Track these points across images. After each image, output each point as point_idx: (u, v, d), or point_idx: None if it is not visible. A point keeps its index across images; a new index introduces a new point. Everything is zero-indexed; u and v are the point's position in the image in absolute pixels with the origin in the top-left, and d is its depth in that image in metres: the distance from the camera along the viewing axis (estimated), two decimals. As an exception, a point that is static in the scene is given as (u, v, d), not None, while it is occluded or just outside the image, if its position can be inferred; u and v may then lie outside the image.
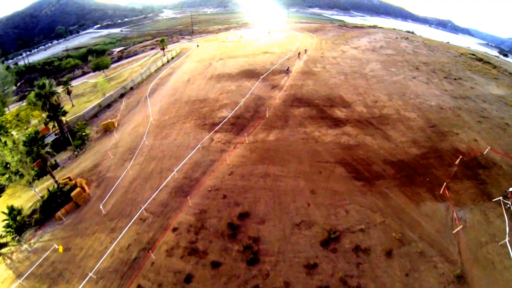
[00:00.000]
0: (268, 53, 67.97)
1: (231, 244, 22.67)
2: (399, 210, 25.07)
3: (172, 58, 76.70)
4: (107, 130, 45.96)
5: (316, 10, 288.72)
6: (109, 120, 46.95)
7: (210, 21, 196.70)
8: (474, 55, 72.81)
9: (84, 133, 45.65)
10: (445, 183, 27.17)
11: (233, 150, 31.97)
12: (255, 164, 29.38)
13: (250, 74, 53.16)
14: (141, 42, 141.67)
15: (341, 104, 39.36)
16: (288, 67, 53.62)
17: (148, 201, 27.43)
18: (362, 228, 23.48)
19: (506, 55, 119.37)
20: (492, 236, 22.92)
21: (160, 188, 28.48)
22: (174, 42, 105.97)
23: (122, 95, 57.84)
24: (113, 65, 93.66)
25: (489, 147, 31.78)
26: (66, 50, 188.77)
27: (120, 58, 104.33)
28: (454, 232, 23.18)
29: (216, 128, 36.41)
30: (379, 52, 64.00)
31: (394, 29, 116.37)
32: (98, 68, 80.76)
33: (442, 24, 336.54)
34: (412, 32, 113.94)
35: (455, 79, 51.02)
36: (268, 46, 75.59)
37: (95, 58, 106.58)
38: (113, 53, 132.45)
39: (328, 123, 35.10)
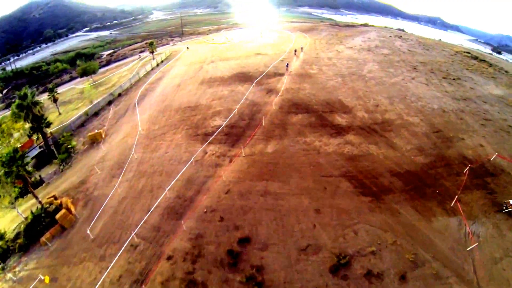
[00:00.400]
0: (260, 55, 65.44)
1: (232, 274, 20.24)
2: (410, 227, 23.02)
3: (162, 61, 73.51)
4: (94, 141, 42.99)
5: (306, 9, 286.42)
6: (96, 131, 43.91)
7: (200, 22, 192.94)
8: (469, 53, 71.46)
9: (70, 146, 42.65)
10: (456, 196, 25.32)
11: (229, 165, 29.30)
12: (253, 181, 26.79)
13: (243, 77, 50.54)
14: (130, 45, 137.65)
15: (341, 109, 37.03)
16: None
17: (139, 225, 24.89)
18: (373, 250, 21.34)
19: (499, 53, 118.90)
20: (505, 251, 21.39)
21: (151, 210, 25.90)
22: (163, 45, 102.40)
23: (110, 102, 54.72)
24: (101, 70, 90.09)
25: (496, 153, 30.06)
26: (54, 54, 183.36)
27: (108, 62, 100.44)
28: (468, 249, 21.33)
29: (209, 139, 33.61)
30: (375, 51, 61.98)
31: (385, 27, 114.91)
32: (85, 73, 77.04)
33: (432, 21, 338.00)
34: (403, 30, 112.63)
35: (454, 79, 49.31)
36: (261, 47, 73.04)
37: (83, 62, 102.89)
38: (102, 56, 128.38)
39: (329, 131, 32.73)
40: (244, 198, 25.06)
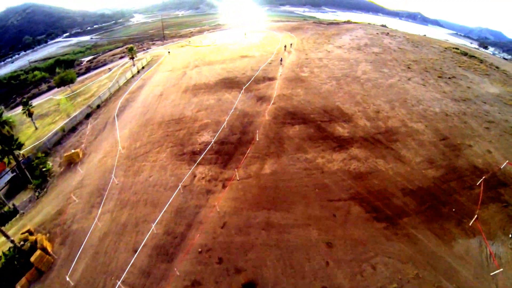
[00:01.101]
0: (247, 57, 61.57)
1: (237, 333, 16.84)
2: (431, 255, 20.08)
3: (143, 67, 67.93)
4: (71, 162, 38.29)
5: (288, 8, 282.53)
6: (73, 151, 39.01)
7: (182, 24, 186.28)
8: (458, 49, 69.93)
9: (45, 168, 37.86)
10: (475, 216, 22.69)
11: (222, 191, 25.25)
12: (252, 210, 22.94)
13: (230, 83, 46.52)
14: (111, 50, 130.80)
15: (340, 117, 33.66)
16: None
17: (126, 270, 21.01)
18: (395, 287, 18.39)
19: (486, 47, 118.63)
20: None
21: (138, 251, 21.99)
22: (144, 49, 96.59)
23: (88, 116, 49.68)
24: (81, 78, 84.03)
25: (506, 161, 27.69)
26: (33, 61, 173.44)
27: (88, 69, 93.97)
28: (492, 274, 18.94)
29: (198, 159, 29.36)
30: (365, 50, 59.19)
31: (369, 23, 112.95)
32: (62, 83, 71.09)
33: (412, 17, 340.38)
34: (385, 26, 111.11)
35: (449, 78, 47.11)
36: (246, 49, 69.12)
37: (62, 70, 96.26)
38: (82, 63, 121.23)
39: (331, 144, 29.28)
40: (243, 233, 21.25)
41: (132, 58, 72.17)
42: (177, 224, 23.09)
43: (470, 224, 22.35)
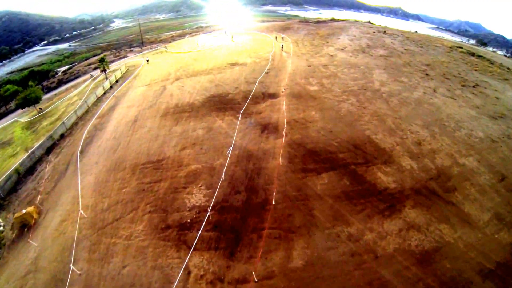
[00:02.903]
0: (237, 65, 50.81)
1: None
2: None
3: (117, 81, 55.65)
4: (25, 224, 27.41)
5: (270, 7, 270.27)
6: (24, 211, 27.67)
7: (163, 27, 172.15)
8: (462, 47, 62.02)
9: (-10, 233, 26.80)
10: None
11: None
12: None
13: (221, 103, 35.86)
14: (88, 58, 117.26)
15: (377, 156, 23.82)
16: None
17: None
18: None
19: (485, 45, 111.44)
20: None
21: None
22: (121, 58, 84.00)
23: (49, 150, 38.13)
24: (51, 94, 71.94)
25: None
26: (9, 72, 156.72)
27: (59, 83, 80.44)
28: None
29: (190, 241, 19.00)
30: (371, 53, 49.71)
31: (356, 20, 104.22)
32: (26, 103, 58.39)
33: (393, 12, 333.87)
34: (369, 22, 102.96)
35: (473, 86, 38.66)
36: (235, 55, 58.04)
37: (36, 83, 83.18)
38: (57, 74, 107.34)
39: (377, 205, 19.61)
40: None
41: (104, 70, 59.47)
42: None
43: None
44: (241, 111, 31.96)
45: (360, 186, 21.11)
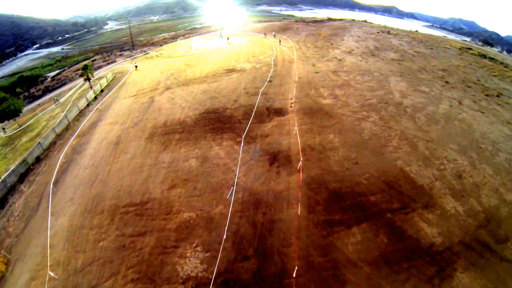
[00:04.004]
0: (235, 72, 45.11)
1: None
2: None
3: (102, 91, 49.47)
4: None
5: (265, 8, 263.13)
6: None
7: (156, 29, 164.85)
8: (471, 49, 57.05)
9: None
10: None
11: None
12: None
13: (218, 120, 30.24)
14: (78, 62, 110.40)
15: (415, 196, 18.37)
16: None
17: None
18: None
19: (492, 45, 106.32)
20: None
21: None
22: (110, 63, 77.33)
23: (22, 177, 32.36)
24: (34, 104, 65.58)
25: None
26: (1, 77, 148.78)
27: (45, 91, 74.04)
28: None
29: None
30: (381, 56, 44.27)
31: (353, 19, 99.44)
32: (5, 116, 52.05)
33: (387, 11, 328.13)
34: (365, 21, 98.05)
35: (497, 96, 33.77)
36: (232, 59, 52.17)
37: (24, 89, 76.79)
38: (46, 79, 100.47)
39: (423, 270, 14.27)
40: None
41: (88, 79, 52.87)
42: None
43: None
44: (243, 135, 26.12)
45: (400, 244, 15.77)
